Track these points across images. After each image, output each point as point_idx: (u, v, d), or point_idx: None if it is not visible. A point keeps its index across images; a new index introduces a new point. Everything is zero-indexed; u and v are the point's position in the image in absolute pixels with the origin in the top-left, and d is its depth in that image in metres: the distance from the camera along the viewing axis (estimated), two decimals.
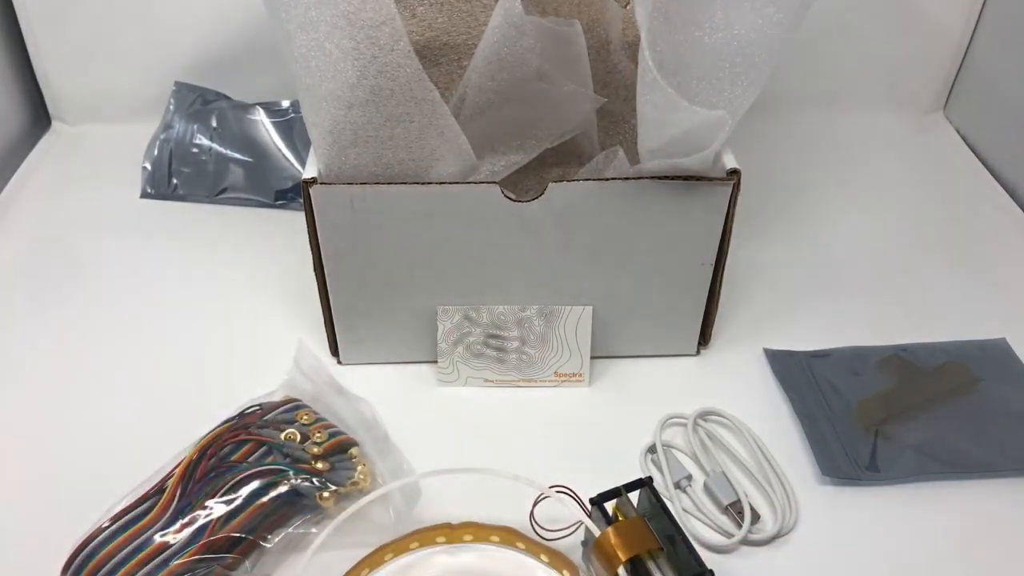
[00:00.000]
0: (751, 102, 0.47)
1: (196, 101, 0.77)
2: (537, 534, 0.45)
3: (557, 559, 0.45)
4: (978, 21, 0.80)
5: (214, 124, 0.75)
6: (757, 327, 0.60)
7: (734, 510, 0.48)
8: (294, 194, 0.72)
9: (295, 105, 0.76)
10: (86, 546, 0.43)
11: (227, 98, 0.78)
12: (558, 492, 0.43)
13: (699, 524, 0.48)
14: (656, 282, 0.54)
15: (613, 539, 0.41)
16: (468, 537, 0.46)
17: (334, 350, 0.58)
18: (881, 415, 0.53)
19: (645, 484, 0.44)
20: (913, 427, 0.53)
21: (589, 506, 0.44)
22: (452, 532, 0.46)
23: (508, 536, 0.46)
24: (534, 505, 0.44)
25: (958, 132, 0.83)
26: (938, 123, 0.84)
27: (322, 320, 0.56)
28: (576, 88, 0.52)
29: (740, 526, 0.47)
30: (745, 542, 0.47)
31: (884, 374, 0.56)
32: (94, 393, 0.56)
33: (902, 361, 0.57)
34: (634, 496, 0.44)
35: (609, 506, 0.44)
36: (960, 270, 0.66)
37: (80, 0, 0.76)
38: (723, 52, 0.45)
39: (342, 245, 0.51)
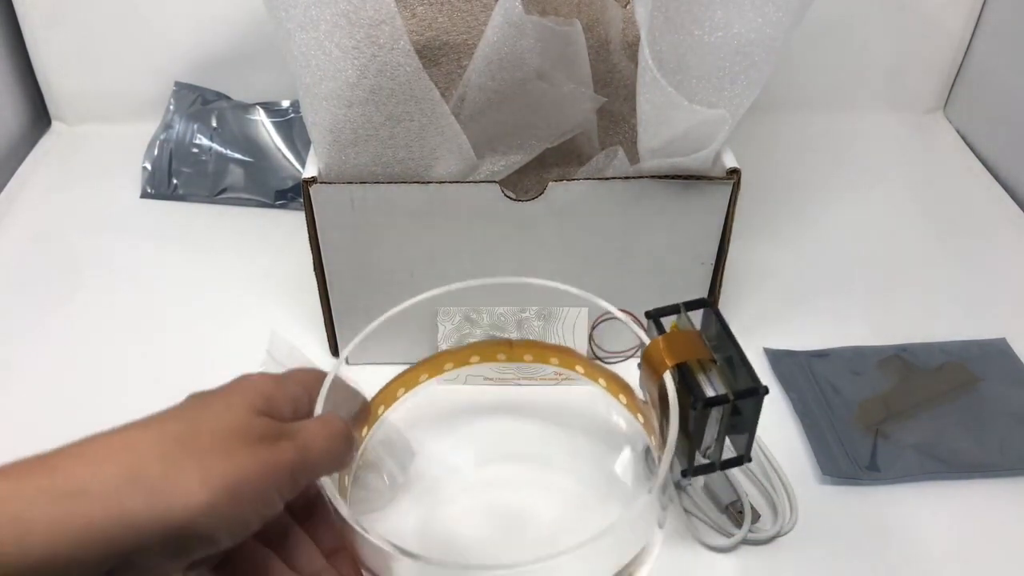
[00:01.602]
0: (751, 101, 0.47)
1: (196, 101, 0.77)
2: (596, 356, 0.44)
3: (614, 383, 0.44)
4: (978, 21, 0.80)
5: (214, 124, 0.75)
6: (757, 327, 0.60)
7: (734, 509, 0.48)
8: (294, 194, 0.72)
9: (295, 105, 0.76)
10: None
11: (227, 98, 0.79)
12: (622, 311, 0.42)
13: (699, 523, 0.48)
14: (656, 282, 0.54)
15: (662, 346, 0.39)
16: (528, 357, 0.46)
17: (334, 350, 0.58)
18: (881, 415, 0.53)
19: (707, 304, 0.42)
20: (913, 427, 0.53)
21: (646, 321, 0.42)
22: (512, 350, 0.45)
23: (567, 359, 0.45)
24: (593, 328, 0.43)
25: (958, 132, 0.83)
26: (938, 123, 0.84)
27: (322, 320, 0.56)
28: (576, 88, 0.52)
29: (740, 525, 0.47)
30: (745, 541, 0.47)
31: (884, 374, 0.56)
32: (93, 393, 0.56)
33: (902, 361, 0.57)
34: (696, 319, 0.43)
35: (668, 324, 0.42)
36: (960, 270, 0.66)
37: (80, 0, 0.76)
38: (723, 51, 0.45)
39: (342, 245, 0.51)
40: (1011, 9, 0.76)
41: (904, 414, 0.53)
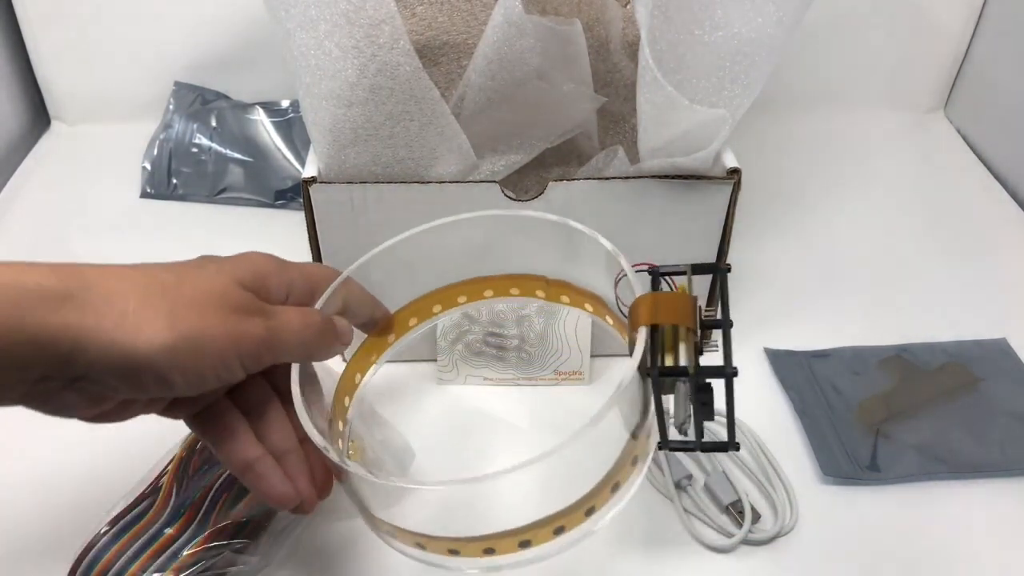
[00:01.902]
0: (751, 101, 0.47)
1: (196, 101, 0.77)
2: (620, 311, 0.43)
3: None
4: (979, 20, 0.80)
5: (214, 124, 0.75)
6: (757, 327, 0.60)
7: (735, 510, 0.47)
8: (294, 194, 0.72)
9: (294, 105, 0.76)
10: (88, 552, 0.43)
11: (227, 98, 0.79)
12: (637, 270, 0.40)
13: (699, 524, 0.48)
14: None
15: (646, 303, 0.37)
16: (565, 299, 0.46)
17: None
18: (882, 415, 0.53)
19: (720, 270, 0.39)
20: (914, 427, 0.53)
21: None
22: (549, 288, 0.46)
23: (599, 308, 0.45)
24: (616, 283, 0.42)
25: (958, 132, 0.83)
26: (938, 122, 0.84)
27: None
28: (576, 87, 0.52)
29: (740, 526, 0.47)
30: (745, 542, 0.47)
31: (885, 374, 0.56)
32: None
33: (903, 361, 0.57)
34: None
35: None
36: (961, 270, 0.66)
37: (80, 0, 0.76)
38: (723, 51, 0.45)
39: (342, 244, 0.51)
40: (1011, 9, 0.76)
41: (905, 414, 0.53)
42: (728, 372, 0.36)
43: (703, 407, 0.37)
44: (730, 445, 0.38)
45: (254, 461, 0.37)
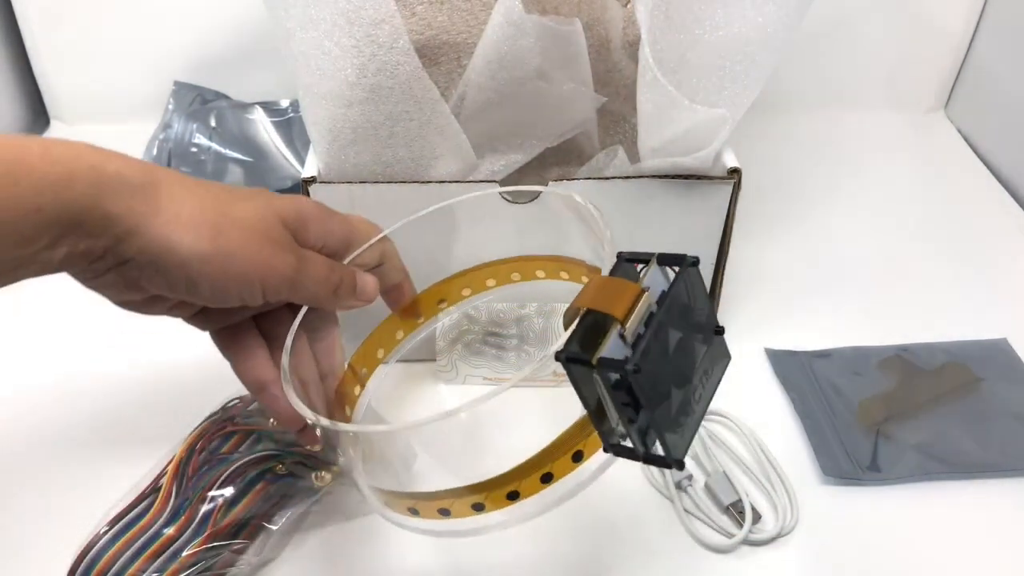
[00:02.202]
0: (752, 100, 0.47)
1: (195, 100, 0.77)
2: None
3: None
4: (979, 20, 0.80)
5: (213, 124, 0.75)
6: (758, 326, 0.60)
7: (735, 510, 0.47)
8: (293, 193, 0.72)
9: (294, 104, 0.76)
10: (88, 552, 0.43)
11: (226, 97, 0.78)
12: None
13: (700, 524, 0.48)
14: None
15: (595, 285, 0.34)
16: (541, 273, 0.47)
17: None
18: (882, 415, 0.53)
19: (689, 263, 0.34)
20: (914, 427, 0.52)
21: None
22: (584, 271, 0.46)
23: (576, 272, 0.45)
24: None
25: (959, 131, 0.82)
26: (939, 122, 0.84)
27: None
28: (576, 87, 0.52)
29: (741, 526, 0.47)
30: (746, 542, 0.47)
31: (885, 374, 0.56)
32: (91, 392, 0.56)
33: (903, 361, 0.57)
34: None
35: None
36: (961, 270, 0.66)
37: (79, 0, 0.76)
38: (723, 50, 0.45)
39: None
40: (1012, 9, 0.76)
41: (905, 414, 0.53)
42: (629, 369, 0.30)
43: (624, 408, 0.32)
44: (672, 462, 0.33)
45: (269, 382, 0.39)
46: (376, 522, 0.48)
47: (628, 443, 0.34)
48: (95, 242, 0.32)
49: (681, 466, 0.33)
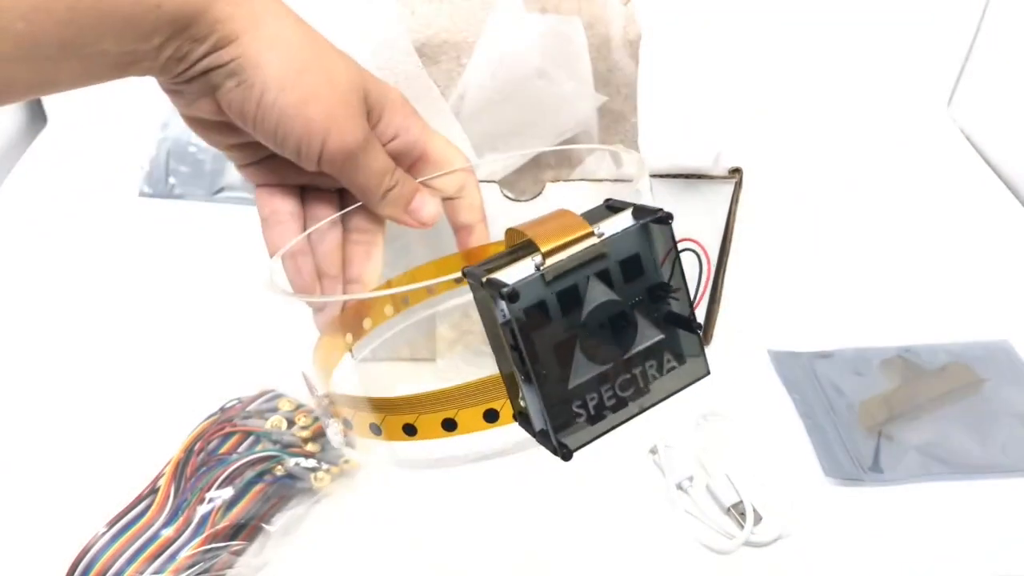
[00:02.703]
0: (753, 100, 0.46)
1: None
2: None
3: None
4: (982, 19, 0.80)
5: None
6: (759, 327, 0.60)
7: (736, 511, 0.47)
8: None
9: None
10: (86, 553, 0.43)
11: None
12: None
13: (701, 526, 0.47)
14: None
15: (547, 217, 0.30)
16: None
17: None
18: (884, 416, 0.53)
19: (656, 217, 0.29)
20: (916, 428, 0.52)
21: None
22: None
23: None
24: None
25: (962, 131, 0.82)
26: (942, 121, 0.84)
27: None
28: (577, 86, 0.51)
29: (742, 527, 0.46)
30: (747, 543, 0.46)
31: (887, 375, 0.56)
32: (90, 392, 0.55)
33: (905, 362, 0.57)
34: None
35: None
36: (964, 270, 0.66)
37: None
38: (724, 49, 0.45)
39: None
40: (1015, 7, 0.76)
41: (907, 415, 0.53)
42: (503, 291, 0.26)
43: (513, 354, 0.27)
44: (556, 446, 0.28)
45: (293, 252, 0.38)
46: (375, 523, 0.47)
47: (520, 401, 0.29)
48: (198, 46, 0.32)
49: (566, 456, 0.28)
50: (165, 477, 0.46)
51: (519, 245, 0.28)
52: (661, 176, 0.49)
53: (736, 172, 0.49)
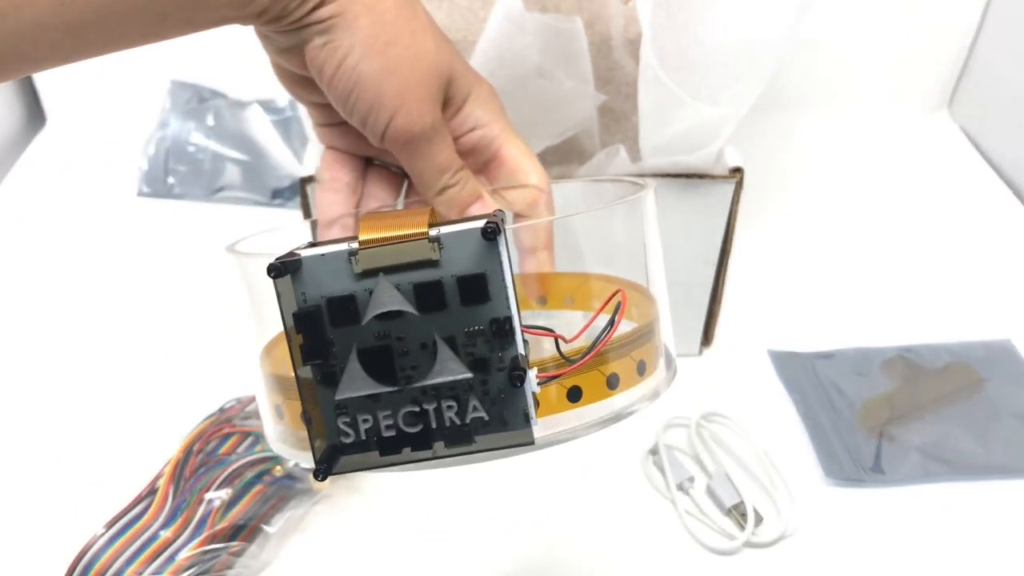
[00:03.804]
0: (754, 98, 0.46)
1: (192, 99, 0.77)
2: None
3: None
4: (983, 18, 0.79)
5: (210, 122, 0.75)
6: (760, 327, 0.60)
7: (737, 512, 0.47)
8: (291, 192, 0.72)
9: (292, 103, 0.76)
10: (85, 554, 0.43)
11: (223, 96, 0.78)
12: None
13: (701, 526, 0.47)
14: None
15: (395, 211, 0.27)
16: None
17: None
18: (885, 416, 0.53)
19: (485, 227, 0.24)
20: (917, 428, 0.52)
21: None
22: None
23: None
24: None
25: (963, 130, 0.82)
26: (943, 121, 0.84)
27: None
28: (577, 85, 0.51)
29: (743, 528, 0.46)
30: (748, 544, 0.46)
31: (888, 375, 0.56)
32: (90, 392, 0.55)
33: (906, 362, 0.57)
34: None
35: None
36: (965, 270, 0.65)
37: None
38: (725, 48, 0.45)
39: None
40: (1016, 7, 0.76)
41: (908, 415, 0.53)
42: (273, 262, 0.24)
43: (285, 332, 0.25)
44: (316, 461, 0.25)
45: (336, 224, 0.37)
46: (375, 524, 0.47)
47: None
48: (304, 3, 0.32)
49: (319, 474, 0.24)
50: (164, 478, 0.46)
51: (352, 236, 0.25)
52: (661, 176, 0.48)
53: (737, 171, 0.49)
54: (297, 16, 0.32)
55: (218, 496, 0.45)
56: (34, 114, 0.82)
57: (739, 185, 0.49)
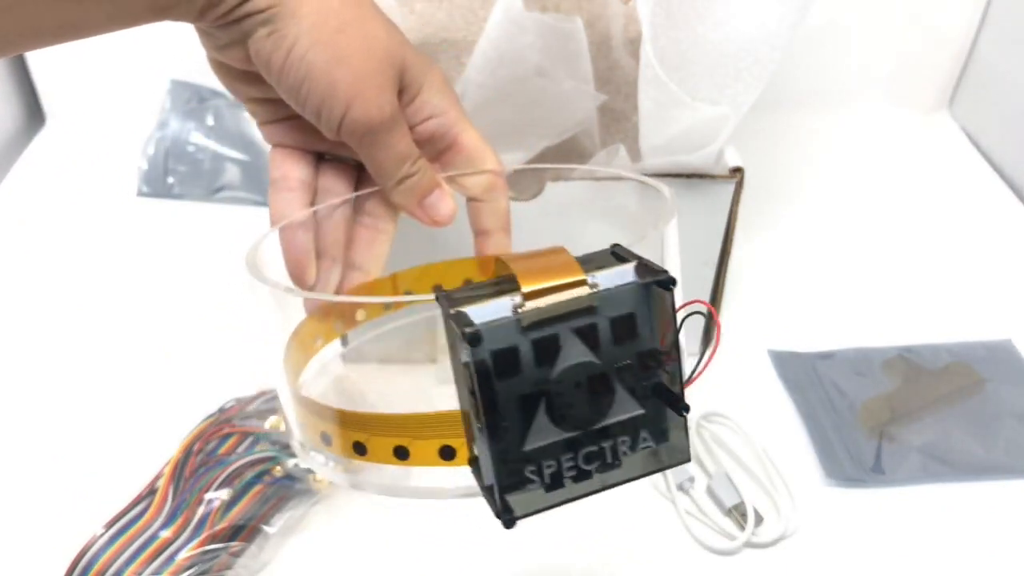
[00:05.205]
0: (754, 99, 0.46)
1: (192, 99, 0.77)
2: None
3: None
4: (983, 18, 0.79)
5: (210, 122, 0.75)
6: (760, 327, 0.60)
7: (737, 512, 0.47)
8: None
9: None
10: (84, 554, 0.43)
11: (223, 95, 0.78)
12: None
13: (701, 526, 0.47)
14: None
15: (541, 253, 0.27)
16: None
17: None
18: (886, 416, 0.53)
19: (658, 280, 0.26)
20: (918, 428, 0.52)
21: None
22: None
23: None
24: None
25: (963, 130, 0.82)
26: (943, 121, 0.84)
27: None
28: (577, 85, 0.51)
29: (743, 528, 0.46)
30: (748, 545, 0.46)
31: (889, 375, 0.56)
32: (89, 392, 0.55)
33: (907, 362, 0.57)
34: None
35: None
36: (965, 270, 0.65)
37: None
38: (726, 48, 0.45)
39: None
40: (1016, 7, 0.76)
41: (909, 415, 0.53)
42: (465, 330, 0.23)
43: (470, 399, 0.25)
44: (498, 512, 0.25)
45: (296, 225, 0.36)
46: (375, 525, 0.47)
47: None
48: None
49: (507, 523, 0.25)
50: (164, 478, 0.46)
51: (503, 278, 0.25)
52: (662, 175, 0.48)
53: (736, 172, 0.49)
54: (232, 4, 0.31)
55: (218, 496, 0.45)
56: (34, 114, 0.82)
57: (739, 185, 0.49)
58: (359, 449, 0.29)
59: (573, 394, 0.25)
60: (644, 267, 0.26)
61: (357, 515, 0.48)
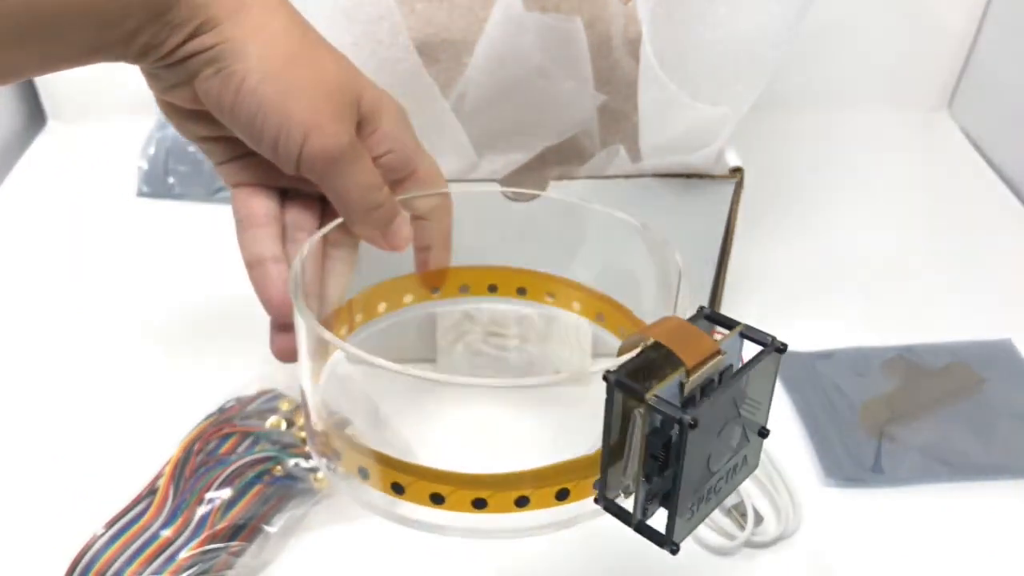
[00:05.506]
0: (754, 98, 0.46)
1: None
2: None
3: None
4: (983, 18, 0.79)
5: None
6: (760, 327, 0.59)
7: (737, 512, 0.47)
8: None
9: None
10: (84, 554, 0.43)
11: None
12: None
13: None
14: None
15: (676, 324, 0.30)
16: (576, 306, 0.45)
17: None
18: (885, 416, 0.53)
19: (775, 347, 0.31)
20: (918, 428, 0.52)
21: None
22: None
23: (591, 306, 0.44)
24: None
25: (963, 131, 0.82)
26: (943, 121, 0.84)
27: None
28: (577, 85, 0.51)
29: (743, 528, 0.46)
30: (748, 544, 0.46)
31: (888, 375, 0.56)
32: (89, 392, 0.55)
33: (906, 362, 0.57)
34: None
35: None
36: (965, 270, 0.66)
37: None
38: (725, 48, 0.45)
39: None
40: (1016, 7, 0.76)
41: (908, 415, 0.53)
42: (685, 423, 0.27)
43: (651, 461, 0.29)
44: (669, 543, 0.31)
45: (267, 259, 0.36)
46: (376, 525, 0.47)
47: (627, 502, 0.31)
48: (176, 32, 0.30)
49: (675, 550, 0.31)
50: (164, 478, 0.46)
51: (650, 354, 0.29)
52: (662, 175, 0.48)
53: (737, 171, 0.49)
54: (172, 45, 0.31)
55: (218, 496, 0.45)
56: (34, 114, 0.82)
57: (739, 185, 0.49)
58: (397, 489, 0.32)
59: (716, 445, 0.30)
60: (751, 331, 0.32)
61: (357, 515, 0.48)
